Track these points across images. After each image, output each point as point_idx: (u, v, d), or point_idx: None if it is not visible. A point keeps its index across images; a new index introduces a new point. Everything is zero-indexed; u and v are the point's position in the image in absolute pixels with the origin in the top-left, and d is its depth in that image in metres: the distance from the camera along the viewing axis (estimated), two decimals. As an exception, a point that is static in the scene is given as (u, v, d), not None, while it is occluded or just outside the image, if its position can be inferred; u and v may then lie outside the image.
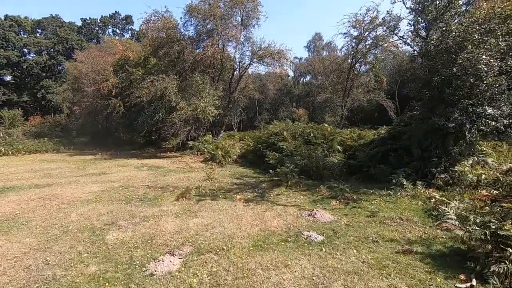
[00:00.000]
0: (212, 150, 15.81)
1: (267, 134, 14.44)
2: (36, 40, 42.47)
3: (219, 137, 22.74)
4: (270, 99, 43.70)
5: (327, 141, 12.36)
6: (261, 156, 13.79)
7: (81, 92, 28.27)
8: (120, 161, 17.02)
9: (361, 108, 34.89)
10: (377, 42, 22.63)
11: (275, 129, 14.00)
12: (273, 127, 14.61)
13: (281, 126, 14.19)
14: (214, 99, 18.37)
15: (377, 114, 36.77)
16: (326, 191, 8.88)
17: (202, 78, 18.92)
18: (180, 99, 18.03)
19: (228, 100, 22.36)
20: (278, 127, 14.26)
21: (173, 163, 15.78)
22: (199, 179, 11.27)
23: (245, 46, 22.22)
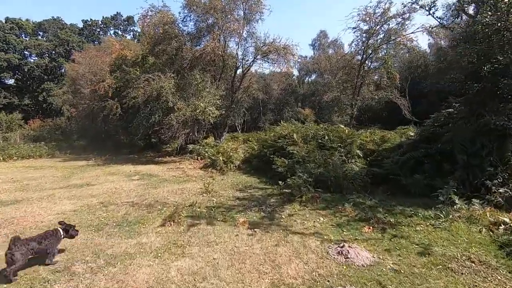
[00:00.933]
0: (213, 155, 13.87)
1: (274, 136, 12.43)
2: (37, 43, 40.94)
3: (222, 139, 20.81)
4: (274, 99, 41.71)
5: (344, 145, 10.34)
6: (267, 162, 11.83)
7: (79, 94, 26.62)
8: (112, 167, 15.15)
9: (369, 107, 32.74)
10: (389, 35, 20.55)
11: (283, 131, 11.97)
12: (280, 129, 12.58)
13: (289, 128, 12.16)
14: (215, 98, 16.44)
15: (386, 113, 34.68)
16: (351, 210, 6.87)
17: (202, 76, 17.00)
18: (178, 99, 16.13)
19: (231, 100, 20.42)
20: (286, 128, 12.23)
21: (169, 170, 13.86)
22: (195, 191, 9.33)
23: (248, 42, 20.27)
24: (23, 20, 42.54)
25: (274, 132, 13.02)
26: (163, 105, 16.23)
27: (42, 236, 4.42)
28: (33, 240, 4.26)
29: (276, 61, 19.45)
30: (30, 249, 4.14)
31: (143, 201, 8.24)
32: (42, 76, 41.99)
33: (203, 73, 17.55)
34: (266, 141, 12.74)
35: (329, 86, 31.31)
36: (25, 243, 4.10)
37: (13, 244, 3.96)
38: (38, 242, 4.27)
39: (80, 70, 26.14)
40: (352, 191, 8.54)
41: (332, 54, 34.28)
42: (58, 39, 41.02)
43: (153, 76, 15.92)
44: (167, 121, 15.70)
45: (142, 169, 14.11)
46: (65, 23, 44.84)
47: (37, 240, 4.30)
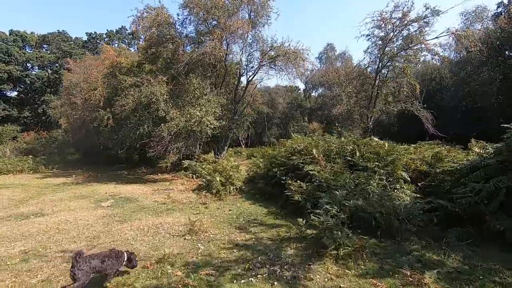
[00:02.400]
0: (209, 173, 10.84)
1: (286, 152, 9.36)
2: (40, 55, 39.00)
3: (223, 154, 17.84)
4: (279, 113, 38.99)
5: (383, 164, 7.29)
6: (277, 185, 8.79)
7: (72, 104, 24.08)
8: (88, 188, 12.16)
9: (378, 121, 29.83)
10: (411, 41, 17.80)
11: (298, 145, 8.91)
12: (293, 143, 9.50)
13: (306, 141, 9.09)
14: (214, 107, 13.60)
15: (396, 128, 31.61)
16: (431, 281, 3.79)
17: (200, 82, 14.24)
18: (171, 108, 13.32)
19: (233, 111, 17.59)
20: (301, 142, 9.16)
21: (155, 192, 10.82)
22: (177, 230, 6.25)
23: (253, 48, 17.66)
24: (28, 33, 40.84)
25: (285, 146, 9.96)
26: (153, 114, 13.42)
27: (105, 254, 3.91)
28: (96, 258, 3.77)
29: (285, 67, 16.70)
30: (92, 267, 3.67)
31: (93, 248, 5.20)
32: (44, 88, 39.85)
33: (201, 79, 14.82)
34: (275, 157, 9.66)
35: (338, 99, 28.60)
36: (87, 261, 3.65)
37: (75, 260, 3.54)
38: (101, 260, 3.78)
39: (74, 79, 23.68)
40: (409, 235, 5.44)
41: (342, 66, 31.65)
42: (61, 51, 39.06)
43: (141, 80, 13.21)
44: (157, 132, 12.84)
45: (123, 191, 11.08)
46: (69, 36, 43.09)
47: (100, 258, 3.81)
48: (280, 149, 10.15)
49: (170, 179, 14.23)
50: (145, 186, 12.32)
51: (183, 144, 13.23)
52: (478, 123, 24.79)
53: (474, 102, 24.67)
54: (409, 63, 19.47)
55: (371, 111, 20.08)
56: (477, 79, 24.04)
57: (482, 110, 23.90)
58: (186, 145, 13.43)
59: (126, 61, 19.73)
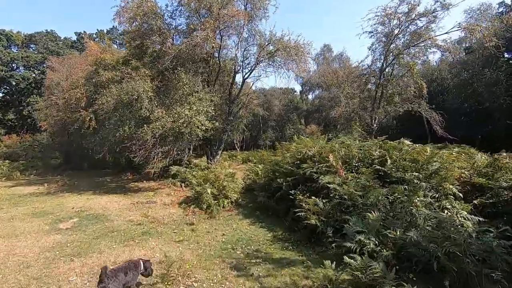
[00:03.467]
0: (199, 183, 8.85)
1: (293, 158, 7.42)
2: (26, 54, 36.50)
3: (216, 159, 15.85)
4: (275, 115, 37.14)
5: (424, 174, 5.43)
6: (283, 199, 6.87)
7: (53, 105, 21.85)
8: (57, 200, 10.04)
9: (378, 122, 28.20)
10: (419, 36, 16.13)
11: (308, 150, 6.98)
12: (302, 146, 7.57)
13: (318, 145, 7.14)
14: (206, 106, 11.63)
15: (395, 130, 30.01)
16: None
17: (190, 78, 12.27)
18: (156, 106, 11.32)
19: (228, 112, 15.63)
20: (312, 146, 7.22)
21: (133, 206, 8.76)
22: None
23: (250, 43, 15.77)
24: (14, 32, 38.31)
25: (291, 151, 8.00)
26: (136, 114, 11.38)
27: (126, 266, 3.64)
28: (121, 271, 3.50)
29: (284, 63, 14.83)
30: (119, 281, 3.38)
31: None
32: (30, 90, 37.26)
33: (192, 75, 12.85)
34: (279, 165, 7.69)
35: (337, 100, 26.92)
36: (114, 275, 3.37)
37: (104, 276, 3.22)
38: (124, 273, 3.51)
39: (55, 78, 21.49)
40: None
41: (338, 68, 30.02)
42: (48, 51, 36.62)
43: (121, 74, 11.22)
44: (140, 135, 10.80)
45: (95, 204, 8.99)
46: (58, 36, 40.62)
47: (124, 270, 3.53)
48: (285, 154, 8.20)
49: (155, 188, 12.17)
50: (124, 198, 10.24)
51: (170, 148, 11.20)
52: (483, 124, 23.38)
53: (478, 103, 23.21)
54: (416, 60, 17.85)
55: (375, 112, 18.34)
56: (481, 80, 22.60)
57: (488, 111, 22.41)
58: (173, 149, 11.41)
59: (111, 58, 17.59)
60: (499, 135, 21.03)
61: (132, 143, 11.17)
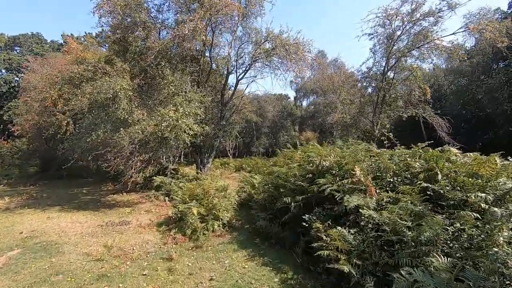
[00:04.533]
0: (183, 201, 7.03)
1: (304, 171, 5.66)
2: (8, 57, 34.14)
3: (207, 167, 14.03)
4: (269, 122, 35.56)
5: (495, 196, 3.81)
6: (292, 223, 5.15)
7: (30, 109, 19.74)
8: (11, 218, 8.01)
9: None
10: (425, 37, 14.83)
11: (323, 160, 5.25)
12: (314, 155, 5.81)
13: (337, 153, 5.38)
14: (195, 107, 9.86)
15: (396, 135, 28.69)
16: None
17: (178, 77, 10.52)
18: (136, 107, 9.49)
19: (220, 115, 13.90)
20: (327, 154, 5.48)
21: (97, 230, 6.84)
22: None
23: (244, 41, 14.18)
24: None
25: (299, 161, 6.28)
26: (112, 116, 9.52)
27: None
28: None
29: (281, 64, 13.27)
30: None
31: None
32: (13, 93, 34.76)
33: (180, 73, 11.11)
34: (285, 179, 5.96)
35: (333, 106, 25.56)
36: None
37: None
38: None
39: (32, 79, 19.43)
40: None
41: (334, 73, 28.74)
42: (32, 53, 34.34)
43: (94, 69, 9.41)
44: (116, 140, 8.93)
45: (51, 228, 7.04)
46: (43, 39, 38.39)
47: None
48: (290, 165, 6.45)
49: (135, 202, 10.26)
50: (93, 216, 8.31)
51: (151, 156, 9.35)
52: (484, 131, 22.28)
53: (478, 110, 22.13)
54: (421, 63, 16.58)
55: (377, 117, 16.90)
56: (481, 86, 21.57)
57: (489, 118, 21.32)
58: (156, 157, 9.58)
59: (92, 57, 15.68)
60: (501, 142, 19.85)
61: (107, 150, 9.29)
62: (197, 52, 13.16)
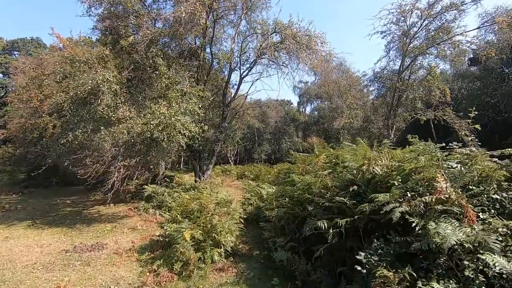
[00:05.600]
0: (173, 219, 5.26)
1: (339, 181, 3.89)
2: (5, 60, 32.76)
3: (207, 175, 12.27)
4: (271, 128, 33.90)
5: None
6: (333, 257, 3.39)
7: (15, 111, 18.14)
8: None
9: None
10: (447, 32, 13.28)
11: (374, 166, 3.52)
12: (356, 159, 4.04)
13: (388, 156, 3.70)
14: (194, 103, 8.18)
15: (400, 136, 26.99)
16: None
17: (174, 71, 8.89)
18: (122, 103, 7.82)
19: (222, 117, 12.21)
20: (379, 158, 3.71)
21: (57, 259, 5.07)
22: None
23: (249, 34, 12.64)
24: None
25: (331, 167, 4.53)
26: (94, 114, 7.83)
27: None
28: None
29: (292, 59, 11.68)
30: None
31: None
32: (9, 98, 33.23)
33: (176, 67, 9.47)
34: (311, 191, 4.23)
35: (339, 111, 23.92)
36: None
37: None
38: None
39: (19, 79, 17.88)
40: None
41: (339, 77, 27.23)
42: (29, 57, 32.96)
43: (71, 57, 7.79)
44: (98, 142, 7.23)
45: (12, 251, 5.31)
46: (43, 44, 37.08)
47: None
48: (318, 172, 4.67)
49: (120, 216, 8.48)
50: (63, 236, 6.53)
51: (138, 161, 7.59)
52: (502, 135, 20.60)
53: (495, 114, 20.48)
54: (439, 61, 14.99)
55: (392, 120, 15.23)
56: (498, 89, 20.00)
57: (506, 122, 19.66)
58: (144, 163, 7.84)
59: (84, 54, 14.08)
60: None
61: (86, 153, 7.58)
62: (196, 46, 11.58)
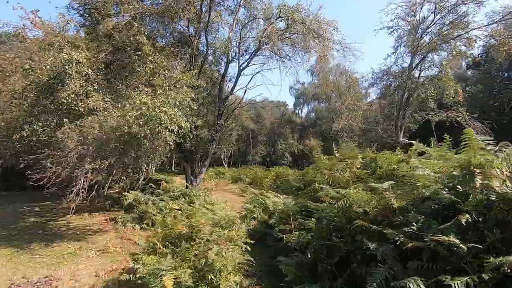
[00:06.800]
0: (152, 247, 3.62)
1: (429, 207, 2.31)
2: (-15, 55, 30.35)
3: (199, 179, 10.61)
4: (266, 129, 32.45)
5: None
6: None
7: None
8: None
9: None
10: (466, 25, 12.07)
11: (491, 178, 2.01)
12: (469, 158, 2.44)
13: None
14: (185, 93, 6.58)
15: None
16: None
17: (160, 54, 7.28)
18: (96, 90, 6.15)
19: (217, 114, 10.61)
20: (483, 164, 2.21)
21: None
22: None
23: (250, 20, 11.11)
24: (-25, 31, 32.19)
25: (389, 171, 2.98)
26: (57, 102, 6.12)
27: None
28: None
29: (296, 51, 10.21)
30: None
31: None
32: (-11, 95, 30.76)
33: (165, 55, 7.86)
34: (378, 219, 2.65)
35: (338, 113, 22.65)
36: None
37: None
38: None
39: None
40: None
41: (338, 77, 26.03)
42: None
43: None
44: (62, 138, 5.55)
45: None
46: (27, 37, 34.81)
47: None
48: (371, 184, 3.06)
49: (93, 231, 6.76)
50: (6, 263, 4.81)
51: (113, 163, 5.90)
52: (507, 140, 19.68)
53: (500, 117, 19.52)
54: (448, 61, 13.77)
55: (401, 121, 13.91)
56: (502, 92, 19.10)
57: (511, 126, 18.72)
58: (122, 167, 6.17)
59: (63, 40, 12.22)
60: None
61: (48, 152, 5.86)
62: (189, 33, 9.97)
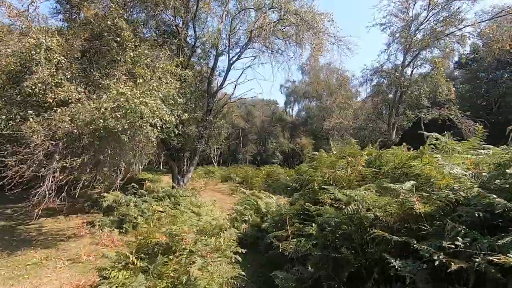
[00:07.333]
0: (122, 260, 3.01)
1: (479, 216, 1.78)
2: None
3: (187, 179, 9.95)
4: (257, 128, 31.93)
5: None
6: None
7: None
8: None
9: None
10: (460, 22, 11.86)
11: None
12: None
13: None
14: (169, 83, 5.95)
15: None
16: None
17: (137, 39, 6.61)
18: (68, 79, 5.44)
19: (206, 109, 9.98)
20: None
21: None
22: None
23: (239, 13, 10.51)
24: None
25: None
26: (24, 93, 5.38)
27: None
28: None
29: (292, 40, 9.70)
30: None
31: None
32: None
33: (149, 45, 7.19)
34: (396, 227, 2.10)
35: (328, 111, 22.37)
36: None
37: None
38: None
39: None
40: None
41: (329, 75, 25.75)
42: None
43: None
44: (28, 132, 4.83)
45: None
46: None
47: None
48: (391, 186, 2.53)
49: (66, 236, 6.05)
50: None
51: (87, 161, 5.21)
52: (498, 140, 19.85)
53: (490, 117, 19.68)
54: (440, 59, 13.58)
55: (395, 119, 13.64)
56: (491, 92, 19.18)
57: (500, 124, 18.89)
58: (97, 166, 5.48)
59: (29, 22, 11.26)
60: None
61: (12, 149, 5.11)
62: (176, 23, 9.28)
